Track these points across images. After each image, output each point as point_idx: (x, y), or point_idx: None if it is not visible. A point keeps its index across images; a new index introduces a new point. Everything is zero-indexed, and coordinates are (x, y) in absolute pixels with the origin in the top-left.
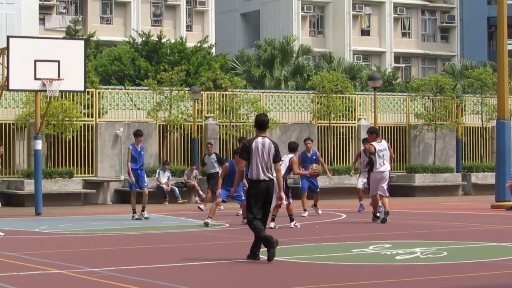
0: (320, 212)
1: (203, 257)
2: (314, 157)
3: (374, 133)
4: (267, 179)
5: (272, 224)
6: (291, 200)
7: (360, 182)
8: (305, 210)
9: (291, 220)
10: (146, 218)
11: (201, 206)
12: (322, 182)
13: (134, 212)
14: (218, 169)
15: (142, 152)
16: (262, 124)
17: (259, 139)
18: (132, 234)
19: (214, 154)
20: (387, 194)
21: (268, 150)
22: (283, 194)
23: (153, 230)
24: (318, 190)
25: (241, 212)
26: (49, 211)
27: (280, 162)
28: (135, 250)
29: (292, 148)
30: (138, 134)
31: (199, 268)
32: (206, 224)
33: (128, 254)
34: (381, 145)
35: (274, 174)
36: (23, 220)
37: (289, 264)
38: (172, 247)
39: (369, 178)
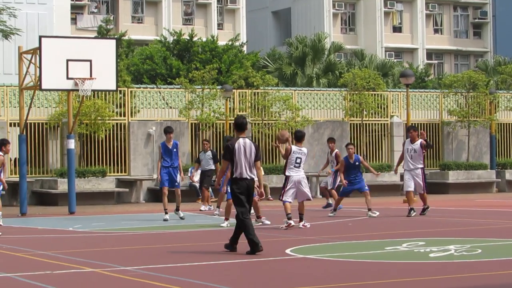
0: (332, 214)
1: (236, 255)
2: (357, 163)
3: (416, 130)
4: (249, 177)
5: (300, 224)
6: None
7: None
8: (331, 205)
9: (301, 219)
10: (181, 218)
11: (202, 208)
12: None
13: (166, 212)
14: (213, 167)
15: (175, 150)
16: (241, 125)
17: (240, 140)
18: (165, 232)
19: (210, 151)
20: None
21: (250, 150)
22: (263, 191)
23: (186, 229)
24: (367, 188)
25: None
26: (82, 210)
27: (259, 161)
28: (168, 249)
29: (299, 137)
30: (166, 131)
31: (231, 266)
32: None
33: (161, 253)
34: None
35: (254, 172)
36: (57, 219)
37: (323, 262)
38: (206, 245)
39: (424, 175)
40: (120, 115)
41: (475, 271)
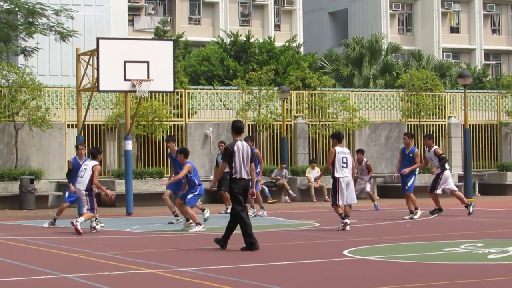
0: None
1: (293, 256)
2: (411, 155)
3: (431, 138)
4: (247, 178)
5: (348, 227)
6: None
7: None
8: (411, 212)
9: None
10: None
11: (222, 212)
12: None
13: (176, 215)
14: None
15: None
16: (239, 129)
17: (238, 143)
18: (221, 234)
19: None
20: None
21: (247, 152)
22: (254, 190)
23: None
24: (406, 188)
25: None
26: (140, 211)
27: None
28: (226, 250)
29: (340, 139)
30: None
31: (289, 268)
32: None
33: (218, 254)
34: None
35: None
36: (114, 220)
37: (380, 263)
38: (262, 246)
39: (438, 178)
40: (177, 117)
41: None
